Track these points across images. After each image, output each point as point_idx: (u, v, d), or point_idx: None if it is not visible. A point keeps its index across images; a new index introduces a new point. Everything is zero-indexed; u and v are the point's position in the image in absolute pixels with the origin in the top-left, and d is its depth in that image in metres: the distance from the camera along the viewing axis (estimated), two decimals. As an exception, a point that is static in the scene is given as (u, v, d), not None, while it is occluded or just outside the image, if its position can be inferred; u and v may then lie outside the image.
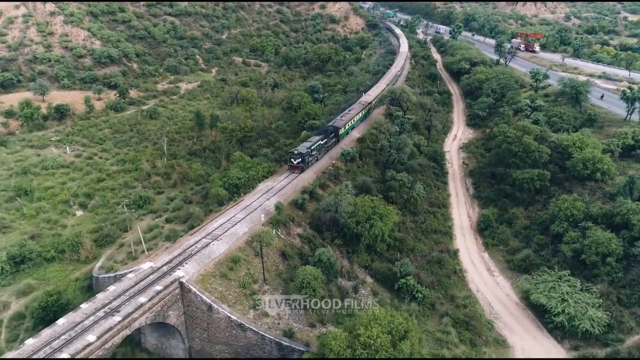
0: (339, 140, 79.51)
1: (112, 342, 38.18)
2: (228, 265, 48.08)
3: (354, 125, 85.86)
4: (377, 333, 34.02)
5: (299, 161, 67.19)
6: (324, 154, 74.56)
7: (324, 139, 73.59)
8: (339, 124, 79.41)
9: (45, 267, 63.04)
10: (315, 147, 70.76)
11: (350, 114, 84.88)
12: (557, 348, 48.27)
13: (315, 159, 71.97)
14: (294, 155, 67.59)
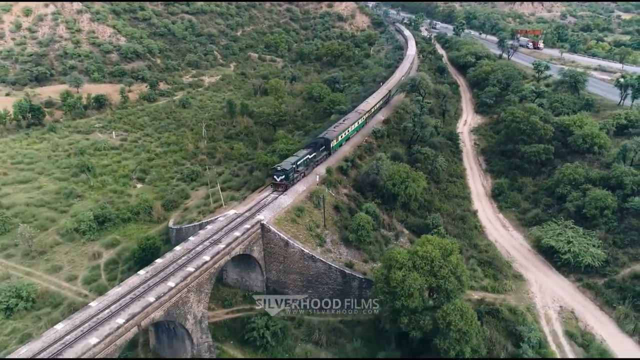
0: (331, 153, 73.43)
1: (219, 263, 48.65)
2: (295, 213, 58.76)
3: (348, 136, 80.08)
4: (430, 249, 44.69)
5: (282, 178, 61.28)
6: (312, 169, 68.36)
7: (312, 153, 68.09)
8: (331, 136, 73.26)
9: (124, 226, 73.41)
10: (302, 162, 65.15)
11: (345, 125, 78.67)
12: (564, 281, 59.11)
13: (302, 175, 66.03)
14: (277, 172, 61.76)
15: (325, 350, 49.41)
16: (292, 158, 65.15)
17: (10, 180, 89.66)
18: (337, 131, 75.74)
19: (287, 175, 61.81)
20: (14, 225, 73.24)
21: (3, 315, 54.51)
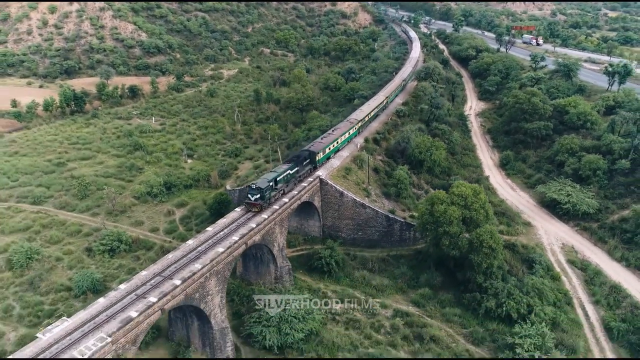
0: (317, 167, 67.82)
1: (293, 206, 60.82)
2: (345, 171, 71.25)
3: (338, 147, 74.48)
4: (464, 189, 57.36)
5: (257, 198, 54.56)
6: (294, 185, 62.63)
7: (294, 168, 62.09)
8: (317, 148, 67.83)
9: (187, 191, 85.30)
10: (282, 179, 59.03)
11: (334, 135, 73.60)
12: (564, 226, 72.07)
13: (282, 193, 59.70)
14: (252, 190, 55.01)
15: (378, 274, 61.82)
16: (270, 174, 58.59)
17: (73, 157, 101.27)
18: (325, 143, 70.64)
19: (262, 194, 54.66)
20: (91, 191, 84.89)
21: (108, 256, 66.19)
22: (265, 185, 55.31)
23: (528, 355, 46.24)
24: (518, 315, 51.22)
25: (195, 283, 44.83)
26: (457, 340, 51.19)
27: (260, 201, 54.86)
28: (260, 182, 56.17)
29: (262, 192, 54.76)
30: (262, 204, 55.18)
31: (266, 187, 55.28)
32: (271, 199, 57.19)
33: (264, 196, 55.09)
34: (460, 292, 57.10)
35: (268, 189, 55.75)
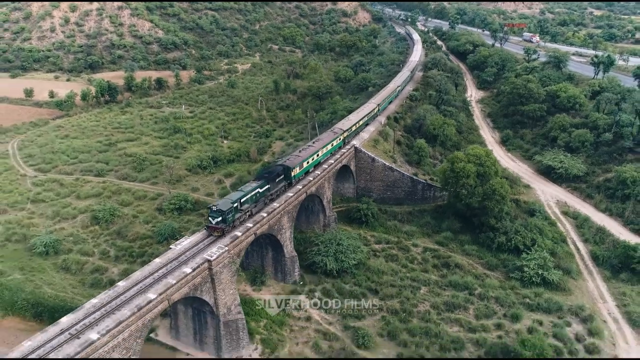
0: (292, 183, 62.32)
1: (322, 179, 73.21)
2: (373, 142, 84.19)
3: (319, 160, 68.87)
4: (477, 150, 70.56)
5: (218, 221, 49.47)
6: (264, 205, 57.06)
7: (265, 185, 56.57)
8: (293, 163, 62.36)
9: (231, 165, 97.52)
10: (249, 199, 53.69)
11: (313, 148, 68.00)
12: (558, 188, 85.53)
13: (249, 214, 54.30)
14: (212, 213, 49.91)
15: (407, 223, 74.78)
16: (235, 194, 53.33)
17: (120, 139, 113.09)
18: (303, 156, 64.84)
19: (224, 217, 49.35)
20: (146, 165, 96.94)
21: (177, 213, 78.37)
22: (228, 207, 49.72)
23: (533, 272, 59.41)
24: (524, 246, 64.39)
25: (274, 218, 57.45)
26: (476, 267, 64.35)
27: (222, 225, 49.55)
28: (222, 204, 50.37)
29: (224, 214, 49.24)
30: (224, 228, 49.84)
31: (228, 210, 49.72)
32: (235, 222, 51.59)
33: (226, 219, 49.61)
34: (476, 234, 70.19)
35: (231, 211, 50.18)
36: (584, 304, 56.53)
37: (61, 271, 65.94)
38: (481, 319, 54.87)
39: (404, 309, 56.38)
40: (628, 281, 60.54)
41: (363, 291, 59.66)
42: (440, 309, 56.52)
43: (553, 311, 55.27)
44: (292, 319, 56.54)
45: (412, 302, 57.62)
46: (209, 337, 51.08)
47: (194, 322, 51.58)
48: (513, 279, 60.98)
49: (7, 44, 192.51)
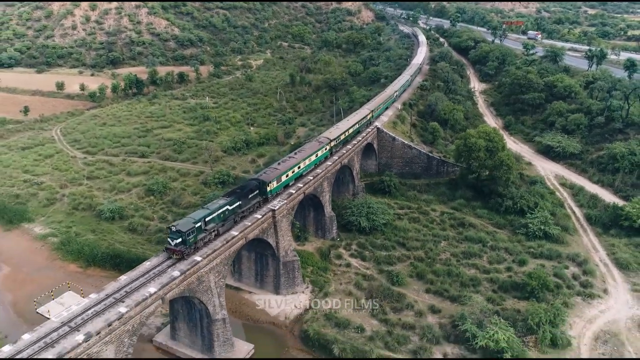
0: (268, 198, 58.28)
1: (353, 152, 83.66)
2: (392, 124, 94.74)
3: (300, 173, 65.02)
4: (487, 128, 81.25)
5: (177, 242, 45.59)
6: (234, 223, 52.88)
7: (235, 202, 52.52)
8: (269, 177, 58.45)
9: (261, 147, 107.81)
10: (216, 217, 49.79)
11: (295, 160, 64.29)
12: (556, 165, 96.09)
13: (216, 233, 50.29)
14: (172, 234, 46.12)
15: (425, 193, 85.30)
16: (199, 212, 49.46)
17: (155, 126, 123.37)
18: (281, 169, 60.86)
19: (184, 239, 45.46)
20: (184, 148, 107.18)
21: (220, 186, 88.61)
22: (188, 228, 45.79)
23: (536, 228, 70.09)
24: (528, 208, 75.00)
25: (317, 182, 67.90)
26: (487, 227, 74.98)
27: (182, 247, 45.53)
28: (182, 224, 46.51)
29: (183, 235, 45.22)
30: (184, 251, 45.74)
31: (189, 230, 45.73)
32: (197, 243, 47.39)
33: (187, 241, 45.60)
34: (486, 201, 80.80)
35: (192, 232, 46.16)
36: (579, 252, 67.18)
37: (128, 232, 76.27)
38: (493, 264, 65.47)
39: (429, 257, 66.90)
40: (616, 235, 71.23)
41: (392, 244, 70.20)
42: (459, 257, 67.06)
43: (553, 258, 65.83)
44: (334, 266, 67.03)
45: (435, 252, 68.17)
46: (269, 277, 61.53)
47: (256, 265, 61.99)
48: (519, 234, 71.61)
49: (31, 41, 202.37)
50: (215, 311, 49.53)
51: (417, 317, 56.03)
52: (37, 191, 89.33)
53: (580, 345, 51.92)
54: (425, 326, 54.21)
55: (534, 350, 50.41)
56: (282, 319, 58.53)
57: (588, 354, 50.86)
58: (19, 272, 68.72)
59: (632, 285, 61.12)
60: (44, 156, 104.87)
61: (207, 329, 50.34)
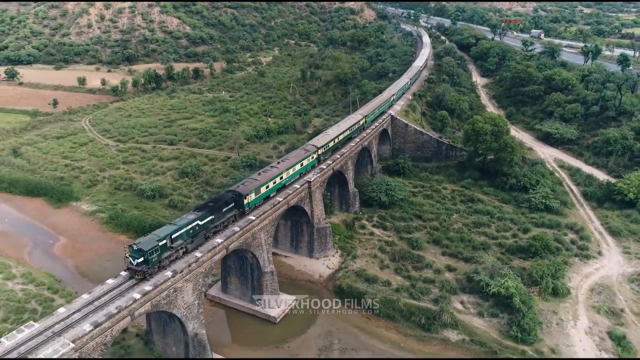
0: (245, 212, 55.09)
1: (372, 136, 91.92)
2: (404, 113, 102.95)
3: (283, 183, 62.13)
4: (492, 114, 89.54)
5: (139, 262, 42.84)
6: (204, 239, 50.04)
7: (206, 217, 49.63)
8: (246, 189, 55.27)
9: (280, 136, 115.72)
10: (184, 233, 47.06)
11: (277, 170, 61.47)
12: (555, 149, 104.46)
13: (184, 250, 47.47)
14: (134, 253, 43.34)
15: (437, 174, 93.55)
16: (165, 229, 46.73)
17: (179, 117, 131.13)
18: (261, 180, 57.98)
19: (146, 258, 42.80)
20: (209, 137, 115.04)
21: (248, 169, 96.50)
22: (151, 247, 43.02)
23: (538, 201, 78.38)
24: (530, 185, 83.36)
25: (343, 160, 76.01)
26: (494, 202, 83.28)
27: (144, 266, 42.75)
28: (144, 242, 43.52)
29: (146, 255, 42.56)
30: (146, 271, 43.00)
31: (151, 249, 43.03)
32: (162, 262, 44.57)
33: (149, 260, 42.86)
34: (492, 180, 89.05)
35: (155, 251, 43.36)
36: (576, 222, 75.53)
37: (169, 208, 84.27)
38: (500, 231, 73.78)
39: (443, 226, 75.18)
40: (610, 208, 79.64)
41: (410, 217, 78.44)
42: (470, 226, 75.32)
43: (554, 227, 74.09)
44: (359, 234, 75.22)
45: (448, 222, 76.41)
46: (304, 242, 69.63)
47: (292, 232, 70.09)
48: (523, 207, 79.96)
49: (48, 39, 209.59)
50: (264, 265, 57.59)
51: (436, 274, 64.23)
52: (79, 174, 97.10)
53: (578, 295, 60.22)
54: (444, 280, 62.44)
55: (539, 299, 58.58)
56: (316, 277, 66.68)
57: (584, 302, 59.14)
58: (76, 242, 76.61)
59: (623, 249, 69.51)
60: (79, 144, 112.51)
61: (257, 281, 58.36)
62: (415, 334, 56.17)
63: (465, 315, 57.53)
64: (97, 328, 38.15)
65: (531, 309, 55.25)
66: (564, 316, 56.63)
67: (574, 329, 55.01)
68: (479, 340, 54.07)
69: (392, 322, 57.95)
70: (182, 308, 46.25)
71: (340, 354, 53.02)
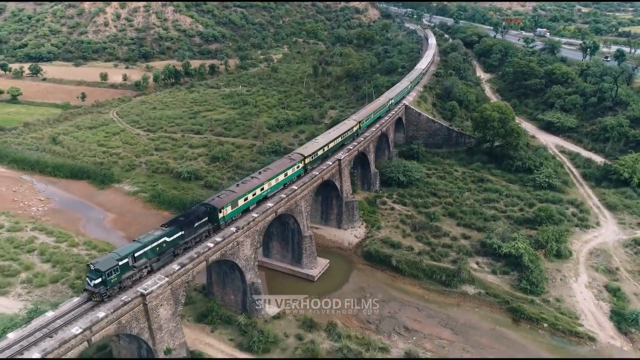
0: (220, 226, 52.34)
1: (389, 123, 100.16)
2: (417, 103, 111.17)
3: (264, 194, 59.01)
4: (499, 103, 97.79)
5: (96, 283, 39.94)
6: (173, 257, 47.22)
7: (175, 233, 46.99)
8: (221, 202, 52.60)
9: (299, 125, 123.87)
10: (149, 251, 44.36)
11: (258, 180, 58.39)
12: (556, 137, 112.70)
13: (148, 269, 44.63)
14: (91, 273, 40.36)
15: (448, 159, 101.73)
16: (127, 247, 44.45)
17: (201, 110, 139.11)
18: (238, 192, 55.01)
19: (103, 279, 40.09)
20: (233, 127, 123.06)
21: (273, 155, 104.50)
22: (109, 267, 40.30)
23: (542, 180, 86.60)
24: (534, 167, 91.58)
25: (366, 143, 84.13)
26: (501, 182, 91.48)
27: (101, 288, 40.08)
28: (102, 262, 40.89)
29: (103, 275, 39.81)
30: (104, 292, 40.38)
31: (110, 269, 40.32)
32: (123, 283, 41.98)
33: (107, 281, 40.18)
34: (499, 163, 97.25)
35: (114, 271, 40.72)
36: (577, 198, 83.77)
37: (205, 188, 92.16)
38: (508, 206, 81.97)
39: (456, 202, 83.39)
40: (607, 187, 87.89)
41: (426, 194, 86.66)
42: (481, 202, 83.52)
43: (556, 202, 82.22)
44: (381, 210, 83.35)
45: (461, 199, 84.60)
46: (333, 214, 77.77)
47: (322, 206, 78.20)
48: (528, 186, 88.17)
49: (66, 37, 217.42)
50: (304, 229, 65.71)
51: (453, 240, 72.46)
52: (117, 160, 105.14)
53: (579, 257, 68.47)
54: (460, 245, 70.74)
55: (544, 260, 66.78)
56: (346, 245, 74.87)
57: (584, 263, 67.37)
58: (124, 217, 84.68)
59: (618, 220, 77.80)
60: (112, 133, 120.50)
61: (297, 244, 66.45)
62: (437, 289, 64.34)
63: (480, 273, 65.69)
64: (182, 268, 46.19)
65: (538, 267, 63.47)
66: (567, 273, 64.83)
67: (575, 283, 63.20)
68: (493, 293, 62.24)
69: (416, 280, 66.13)
70: (242, 259, 54.32)
71: (373, 305, 60.96)
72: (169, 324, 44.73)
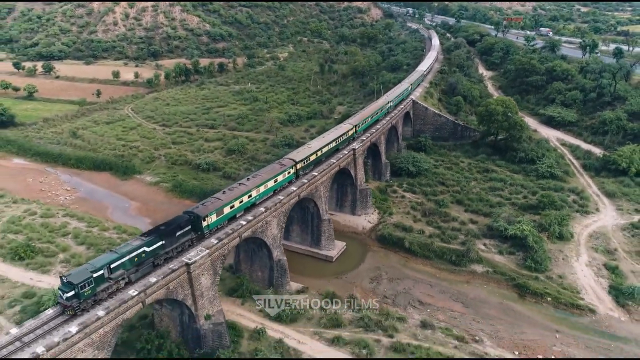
0: (204, 235, 50.74)
1: (398, 117, 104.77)
2: (423, 98, 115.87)
3: (251, 202, 57.06)
4: (504, 98, 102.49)
5: (69, 296, 37.99)
6: (152, 267, 45.14)
7: (155, 242, 44.99)
8: (206, 210, 50.94)
9: (309, 121, 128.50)
10: (126, 262, 42.33)
11: (245, 187, 56.74)
12: (557, 131, 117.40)
13: (126, 281, 42.52)
14: (64, 286, 38.50)
15: (454, 151, 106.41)
16: (104, 257, 42.18)
17: (213, 106, 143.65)
18: (224, 200, 53.55)
19: (77, 292, 38.12)
20: (245, 121, 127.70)
21: (287, 147, 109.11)
22: (83, 279, 38.47)
23: (544, 170, 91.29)
24: (537, 158, 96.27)
25: (378, 135, 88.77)
26: (506, 172, 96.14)
27: (74, 301, 38.32)
28: (75, 274, 39.16)
29: (76, 288, 38.08)
30: (77, 306, 38.59)
31: (83, 282, 38.44)
32: (98, 296, 40.04)
33: (81, 294, 38.34)
34: (503, 155, 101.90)
35: (88, 284, 38.86)
36: (577, 187, 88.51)
37: (223, 179, 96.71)
38: (513, 194, 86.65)
39: (464, 190, 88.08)
40: (606, 176, 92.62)
41: (435, 183, 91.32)
42: (486, 190, 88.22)
43: (558, 190, 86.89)
44: (392, 197, 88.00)
45: (468, 188, 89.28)
46: (347, 201, 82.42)
47: (337, 193, 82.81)
48: (531, 176, 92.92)
49: (76, 36, 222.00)
50: (323, 213, 70.35)
51: (461, 225, 77.17)
52: (136, 152, 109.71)
53: (580, 239, 73.18)
54: (468, 229, 75.49)
55: (547, 241, 71.47)
56: (360, 229, 79.54)
57: (585, 244, 72.09)
58: (148, 205, 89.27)
59: (617, 206, 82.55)
60: (129, 128, 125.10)
61: (316, 227, 71.09)
62: (447, 268, 69.06)
63: (488, 254, 70.40)
64: (220, 242, 50.82)
65: (542, 247, 68.21)
66: (568, 254, 69.56)
67: (576, 262, 67.94)
68: (500, 271, 66.96)
69: (428, 260, 70.85)
70: (270, 237, 58.95)
71: (389, 282, 65.63)
72: (209, 292, 49.32)
